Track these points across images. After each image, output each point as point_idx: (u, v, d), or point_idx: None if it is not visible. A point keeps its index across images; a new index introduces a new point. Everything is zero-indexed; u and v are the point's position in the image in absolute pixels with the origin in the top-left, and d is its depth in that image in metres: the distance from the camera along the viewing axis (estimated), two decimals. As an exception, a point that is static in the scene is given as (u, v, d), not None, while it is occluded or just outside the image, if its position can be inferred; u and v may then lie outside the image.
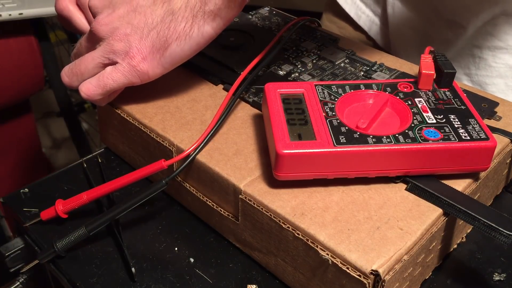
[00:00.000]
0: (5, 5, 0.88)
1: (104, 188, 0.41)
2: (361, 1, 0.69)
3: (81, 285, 0.39)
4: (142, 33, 0.41)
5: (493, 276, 0.39)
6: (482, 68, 0.59)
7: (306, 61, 0.50)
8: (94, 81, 0.42)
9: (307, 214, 0.35)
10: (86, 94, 0.43)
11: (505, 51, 0.58)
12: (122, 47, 0.41)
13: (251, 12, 0.60)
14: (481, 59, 0.59)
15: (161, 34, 0.40)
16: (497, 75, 0.59)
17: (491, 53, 0.59)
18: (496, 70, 0.59)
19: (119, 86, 0.43)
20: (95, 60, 0.42)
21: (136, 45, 0.41)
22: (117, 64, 0.42)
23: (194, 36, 0.40)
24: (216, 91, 0.47)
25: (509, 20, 0.56)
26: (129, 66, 0.41)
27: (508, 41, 0.57)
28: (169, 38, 0.40)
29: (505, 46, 0.58)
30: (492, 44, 0.58)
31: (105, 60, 0.42)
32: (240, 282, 0.39)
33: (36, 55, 0.98)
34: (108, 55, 0.42)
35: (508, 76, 0.59)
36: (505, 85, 0.59)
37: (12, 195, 0.47)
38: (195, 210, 0.44)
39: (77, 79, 0.43)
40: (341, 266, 0.33)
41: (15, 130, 1.06)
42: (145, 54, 0.41)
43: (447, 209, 0.36)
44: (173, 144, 0.42)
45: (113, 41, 0.41)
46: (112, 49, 0.41)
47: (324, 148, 0.36)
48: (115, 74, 0.42)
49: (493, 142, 0.37)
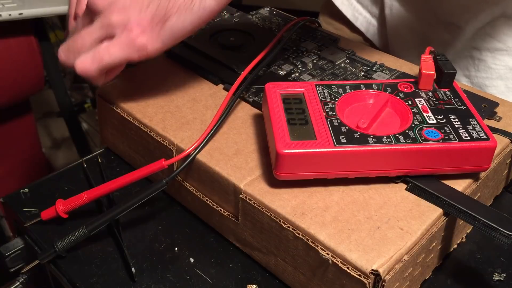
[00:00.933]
0: (5, 5, 0.88)
1: (104, 188, 0.41)
2: (358, 2, 0.69)
3: (81, 285, 0.39)
4: (142, 5, 0.39)
5: (493, 276, 0.39)
6: (482, 70, 0.59)
7: (306, 61, 0.50)
8: (90, 56, 0.40)
9: (307, 214, 0.35)
10: (81, 69, 0.40)
11: (505, 52, 0.58)
12: (121, 19, 0.39)
13: (251, 12, 0.60)
14: (481, 61, 0.59)
15: (161, 6, 0.39)
16: (497, 77, 0.59)
17: (490, 54, 0.59)
18: (496, 72, 0.59)
19: (116, 61, 0.40)
20: (92, 35, 0.40)
21: (135, 17, 0.39)
22: (115, 37, 0.40)
23: (195, 10, 0.39)
24: (216, 91, 0.47)
25: (508, 22, 0.56)
26: (127, 39, 0.39)
27: (507, 42, 0.57)
28: (169, 11, 0.39)
29: (505, 48, 0.58)
30: (492, 46, 0.58)
31: (103, 34, 0.40)
32: (240, 282, 0.39)
33: (36, 55, 0.98)
34: (105, 28, 0.40)
35: (508, 78, 0.59)
36: (505, 87, 0.59)
37: (12, 195, 0.47)
38: (195, 210, 0.44)
39: (73, 56, 0.41)
40: (341, 266, 0.33)
41: (15, 130, 1.06)
42: (144, 26, 0.39)
43: (447, 209, 0.36)
44: (173, 143, 0.42)
45: (110, 14, 0.39)
46: (109, 22, 0.40)
47: (324, 148, 0.36)
48: (112, 48, 0.40)
49: (493, 142, 0.37)
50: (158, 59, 0.52)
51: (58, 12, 0.94)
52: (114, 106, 0.46)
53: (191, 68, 0.50)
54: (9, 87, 0.96)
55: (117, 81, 0.48)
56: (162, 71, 0.50)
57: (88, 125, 1.60)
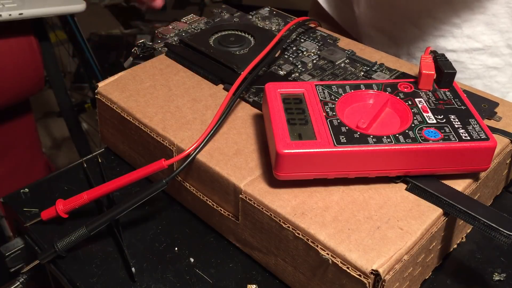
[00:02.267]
0: (5, 5, 0.88)
1: (104, 188, 0.41)
2: (341, 1, 0.69)
3: (81, 285, 0.39)
4: None
5: (493, 276, 0.39)
6: (460, 71, 0.59)
7: (306, 61, 0.50)
8: None
9: (307, 214, 0.36)
10: None
11: (482, 51, 0.58)
12: None
13: (251, 12, 0.60)
14: (457, 62, 0.59)
15: None
16: (475, 77, 0.59)
17: (468, 55, 0.58)
18: (474, 72, 0.59)
19: None
20: None
21: None
22: None
23: None
24: (216, 91, 0.48)
25: (486, 20, 0.56)
26: None
27: (485, 41, 0.57)
28: None
29: (482, 47, 0.58)
30: (469, 46, 0.58)
31: None
32: (240, 282, 0.39)
33: (36, 55, 0.98)
34: None
35: (485, 76, 0.59)
36: (483, 85, 0.59)
37: (12, 195, 0.47)
38: (195, 210, 0.44)
39: None
40: (341, 266, 0.33)
41: (15, 130, 1.06)
42: None
43: (447, 209, 0.36)
44: (173, 143, 0.42)
45: None
46: None
47: (324, 148, 0.36)
48: None
49: (493, 142, 0.37)
50: (158, 59, 0.52)
51: (58, 12, 0.94)
52: (114, 106, 0.46)
53: (191, 68, 0.50)
54: (9, 87, 0.96)
55: (117, 81, 0.49)
56: (162, 71, 0.50)
57: (88, 125, 1.60)
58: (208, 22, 0.58)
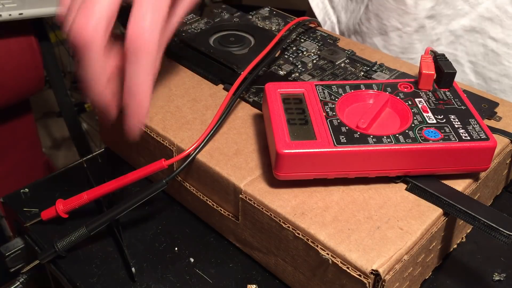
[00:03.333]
0: (5, 5, 0.88)
1: (104, 188, 0.41)
2: (331, 7, 0.69)
3: (81, 285, 0.39)
4: None
5: (493, 276, 0.39)
6: (491, 63, 0.56)
7: (306, 61, 0.50)
8: None
9: (307, 214, 0.36)
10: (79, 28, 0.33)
11: None
12: None
13: (251, 12, 0.60)
14: (493, 53, 0.56)
15: None
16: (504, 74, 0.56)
17: (507, 50, 0.55)
18: (505, 70, 0.56)
19: None
20: None
21: None
22: None
23: None
24: (216, 91, 0.48)
25: None
26: None
27: None
28: None
29: None
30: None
31: None
32: (240, 282, 0.39)
33: (36, 55, 0.98)
34: None
35: None
36: (509, 87, 0.57)
37: (12, 195, 0.47)
38: (195, 210, 0.44)
39: None
40: (341, 266, 0.33)
41: (15, 130, 1.06)
42: None
43: (447, 209, 0.36)
44: (173, 143, 0.42)
45: None
46: None
47: (324, 148, 0.36)
48: None
49: (493, 142, 0.37)
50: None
51: (58, 12, 0.94)
52: (114, 106, 0.46)
53: (191, 68, 0.50)
54: (9, 87, 0.96)
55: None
56: (162, 71, 0.50)
57: (88, 125, 1.60)
58: (208, 22, 0.58)
